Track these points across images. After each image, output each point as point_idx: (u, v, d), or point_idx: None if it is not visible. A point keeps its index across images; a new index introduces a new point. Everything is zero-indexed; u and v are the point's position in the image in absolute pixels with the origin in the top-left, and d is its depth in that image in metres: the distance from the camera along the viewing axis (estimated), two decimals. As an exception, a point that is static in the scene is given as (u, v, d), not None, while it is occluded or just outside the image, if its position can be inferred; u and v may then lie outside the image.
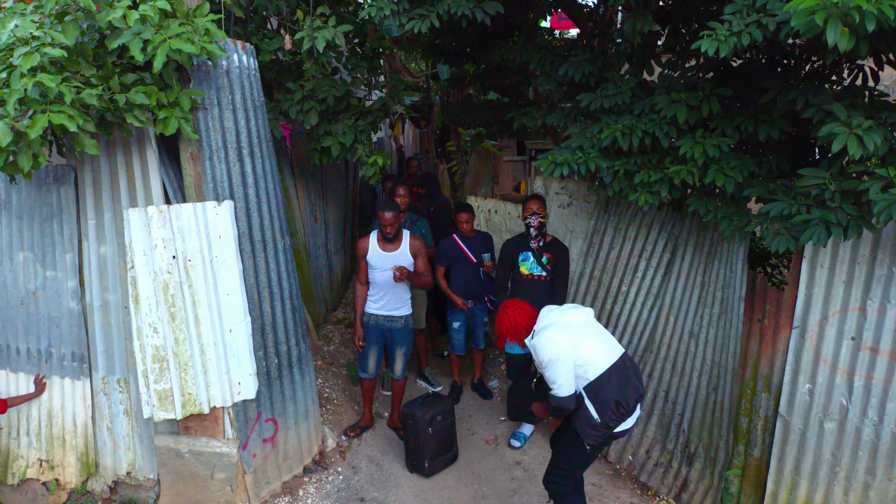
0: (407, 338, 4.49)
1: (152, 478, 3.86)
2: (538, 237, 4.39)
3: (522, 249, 4.47)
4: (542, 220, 4.36)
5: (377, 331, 4.43)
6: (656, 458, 4.11)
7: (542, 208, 4.42)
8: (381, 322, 4.41)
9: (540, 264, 4.38)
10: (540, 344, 3.02)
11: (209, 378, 3.60)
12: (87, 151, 2.87)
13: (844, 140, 2.54)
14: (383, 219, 4.13)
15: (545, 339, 3.01)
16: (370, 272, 4.35)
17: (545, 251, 4.42)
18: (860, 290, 3.13)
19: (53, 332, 3.85)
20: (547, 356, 2.97)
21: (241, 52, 3.57)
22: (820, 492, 3.33)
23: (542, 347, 3.00)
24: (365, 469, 4.34)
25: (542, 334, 3.04)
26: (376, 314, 4.41)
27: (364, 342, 4.45)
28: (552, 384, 2.99)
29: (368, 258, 4.30)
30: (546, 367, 2.99)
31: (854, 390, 3.19)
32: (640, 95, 3.59)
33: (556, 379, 2.97)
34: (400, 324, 4.43)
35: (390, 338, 4.45)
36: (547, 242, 4.44)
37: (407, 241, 4.30)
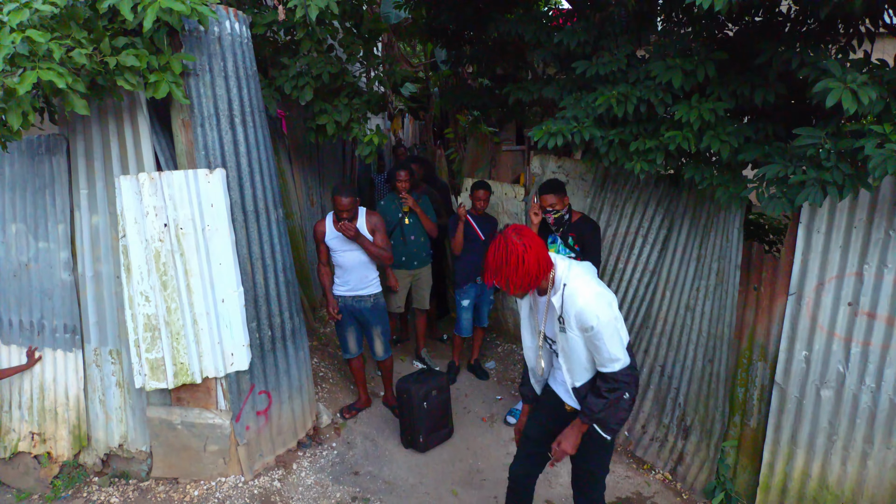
0: (379, 316, 4.43)
1: (145, 450, 3.83)
2: (558, 230, 4.01)
3: (548, 232, 4.12)
4: (556, 215, 3.90)
5: (347, 312, 4.39)
6: (652, 433, 4.08)
7: (560, 201, 3.88)
8: (349, 303, 4.37)
9: (567, 245, 4.07)
10: (585, 303, 2.25)
11: (201, 348, 3.58)
12: (77, 111, 2.84)
13: (839, 95, 2.52)
14: (340, 204, 4.00)
15: (593, 293, 2.28)
16: (332, 255, 4.31)
17: (570, 232, 4.06)
18: (857, 255, 3.09)
19: (46, 304, 3.83)
20: (598, 320, 2.25)
21: (234, 20, 3.55)
22: (817, 461, 3.30)
23: (589, 309, 2.25)
24: (360, 445, 4.31)
25: (585, 289, 2.29)
26: (344, 296, 4.37)
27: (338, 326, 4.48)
28: (613, 357, 2.30)
29: (327, 241, 4.25)
30: (597, 334, 2.26)
31: (851, 357, 3.16)
32: (635, 65, 3.56)
33: (616, 347, 2.30)
34: (369, 303, 4.37)
35: (362, 318, 4.40)
36: (573, 223, 4.02)
37: (363, 217, 4.24)
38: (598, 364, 2.37)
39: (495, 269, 2.22)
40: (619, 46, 3.53)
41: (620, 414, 2.43)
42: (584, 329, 2.29)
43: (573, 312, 2.28)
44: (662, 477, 3.91)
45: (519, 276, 2.20)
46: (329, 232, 4.23)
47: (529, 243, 2.21)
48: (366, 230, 4.24)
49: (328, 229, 4.23)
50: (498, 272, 2.22)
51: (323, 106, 4.83)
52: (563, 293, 2.31)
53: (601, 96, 3.39)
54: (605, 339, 2.27)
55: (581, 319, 2.27)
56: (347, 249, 4.23)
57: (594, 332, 2.27)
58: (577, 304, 2.27)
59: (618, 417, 2.43)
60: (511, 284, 2.23)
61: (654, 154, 3.41)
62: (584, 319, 2.26)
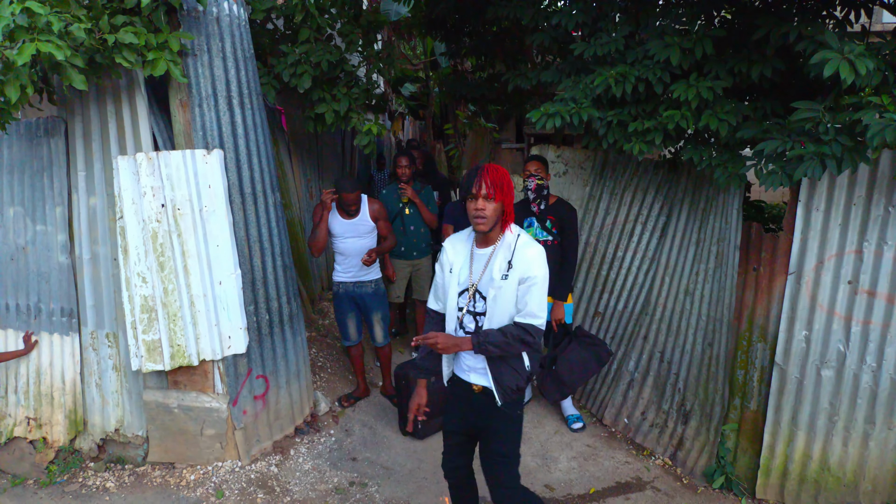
0: (380, 302, 4.42)
1: (141, 435, 3.81)
2: (537, 200, 4.08)
3: (526, 215, 4.16)
4: (539, 181, 4.03)
5: (348, 298, 4.38)
6: (651, 420, 4.05)
7: (542, 169, 4.07)
8: (350, 289, 4.36)
9: (545, 229, 4.11)
10: (536, 254, 2.39)
11: (198, 330, 3.57)
12: (75, 86, 2.84)
13: (836, 65, 2.51)
14: (346, 199, 4.06)
15: (538, 248, 2.42)
16: (334, 241, 4.29)
17: (548, 214, 4.13)
18: (856, 233, 3.08)
19: (43, 288, 3.82)
20: (543, 271, 2.38)
21: (232, 2, 3.56)
22: (818, 443, 3.27)
23: (539, 259, 2.39)
24: (358, 432, 4.29)
25: (536, 245, 2.44)
26: (345, 282, 4.36)
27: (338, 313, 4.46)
28: (537, 313, 2.40)
29: (332, 227, 4.24)
30: (534, 286, 2.37)
31: (851, 336, 3.14)
32: (633, 46, 3.56)
33: (542, 306, 2.41)
34: (370, 288, 4.37)
35: (363, 304, 4.39)
36: (550, 205, 4.13)
37: (365, 206, 4.25)
38: (520, 315, 2.42)
39: (498, 184, 2.34)
40: (618, 27, 3.53)
41: (508, 372, 2.49)
42: (524, 279, 2.38)
43: (523, 259, 2.38)
44: (662, 462, 3.88)
45: (509, 198, 2.39)
46: (332, 218, 4.23)
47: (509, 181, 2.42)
48: (368, 218, 4.24)
49: (332, 215, 4.22)
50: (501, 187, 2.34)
51: (322, 94, 4.84)
52: (517, 241, 2.43)
53: (599, 76, 3.39)
54: (537, 293, 2.39)
55: (528, 267, 2.37)
56: (350, 237, 4.23)
57: (532, 283, 2.37)
58: (528, 253, 2.39)
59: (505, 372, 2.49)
60: (508, 201, 2.39)
61: (653, 135, 3.40)
62: (530, 267, 2.36)
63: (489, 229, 2.40)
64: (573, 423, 4.29)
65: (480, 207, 2.36)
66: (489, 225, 2.38)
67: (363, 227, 4.26)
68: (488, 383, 2.55)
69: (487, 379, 2.55)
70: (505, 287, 2.40)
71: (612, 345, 4.40)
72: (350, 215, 4.21)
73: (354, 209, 4.15)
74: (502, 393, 2.52)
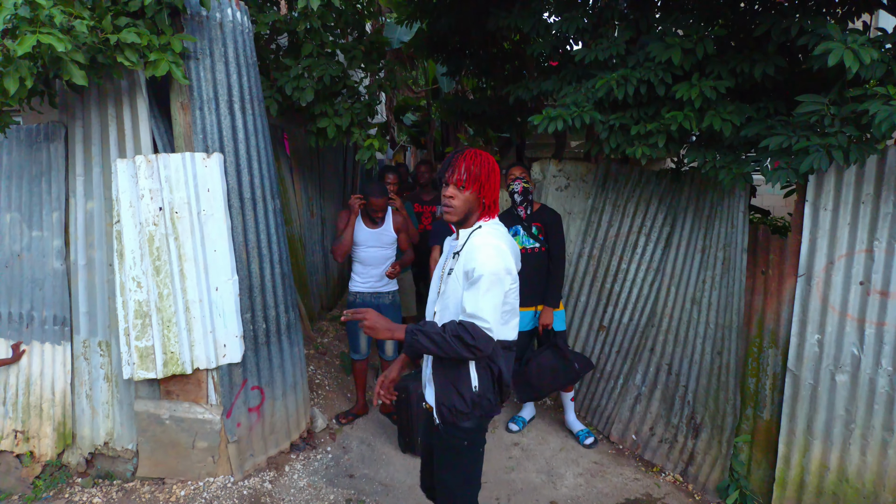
0: (395, 314, 4.38)
1: (131, 448, 3.67)
2: (524, 204, 4.02)
3: (512, 223, 4.09)
4: (525, 184, 3.99)
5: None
6: (660, 435, 3.90)
7: (526, 174, 4.06)
8: (367, 300, 4.31)
9: (531, 236, 4.07)
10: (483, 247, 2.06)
11: (193, 337, 3.48)
12: (75, 82, 2.83)
13: (840, 54, 2.50)
14: (374, 205, 4.09)
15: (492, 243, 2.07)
16: (356, 250, 4.26)
17: (534, 221, 4.09)
18: (866, 231, 3.01)
19: (36, 295, 3.75)
20: (490, 267, 2.01)
21: (236, 9, 3.59)
22: (835, 452, 3.13)
23: (485, 253, 2.04)
24: (356, 449, 4.14)
25: (490, 238, 2.10)
26: (363, 292, 4.31)
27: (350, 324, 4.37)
28: (480, 314, 2.01)
29: (357, 235, 4.22)
30: (476, 283, 2.02)
31: (866, 338, 3.03)
32: (633, 51, 3.57)
33: (488, 307, 2.01)
34: (388, 300, 4.33)
35: None
36: (535, 211, 4.10)
37: (390, 216, 4.28)
38: (462, 315, 2.06)
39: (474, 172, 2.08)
40: (619, 33, 3.54)
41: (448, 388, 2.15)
42: (469, 272, 2.05)
43: (469, 251, 2.09)
44: (673, 478, 3.72)
45: (488, 188, 2.12)
46: (357, 226, 4.22)
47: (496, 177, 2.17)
48: (391, 229, 4.26)
49: (357, 223, 4.21)
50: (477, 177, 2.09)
51: (324, 108, 4.86)
52: (472, 233, 2.15)
53: (600, 80, 3.38)
54: (480, 290, 2.01)
55: (470, 260, 2.05)
56: (372, 246, 4.22)
57: (475, 279, 2.02)
58: (475, 242, 2.09)
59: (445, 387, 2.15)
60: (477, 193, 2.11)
61: (656, 137, 3.37)
62: (473, 261, 2.04)
63: (457, 220, 2.15)
64: (585, 439, 4.14)
65: (449, 195, 2.11)
66: (457, 215, 2.13)
67: (386, 237, 4.24)
68: (428, 398, 2.32)
69: (430, 394, 2.30)
70: (451, 281, 2.15)
71: (618, 358, 4.28)
72: (375, 224, 4.21)
73: (381, 216, 4.16)
74: (438, 410, 2.19)
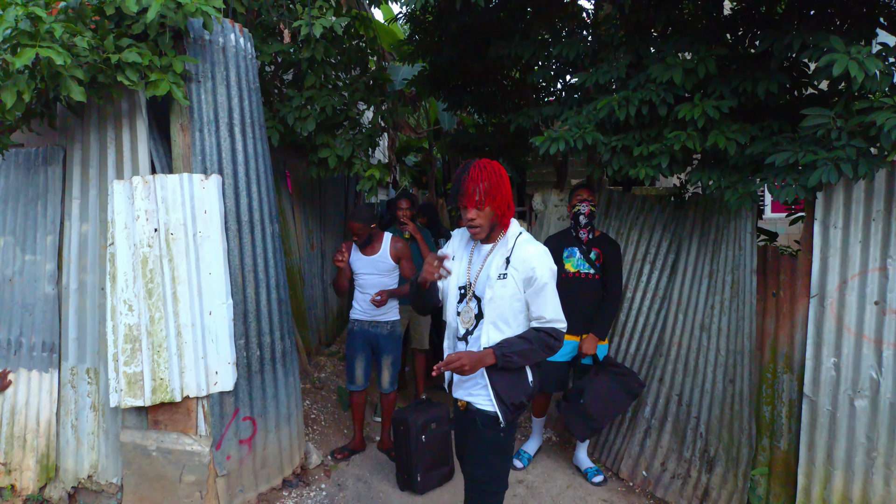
0: (394, 345, 4.23)
1: (115, 482, 3.49)
2: (587, 226, 3.81)
3: (567, 245, 3.88)
4: (592, 208, 3.80)
5: (362, 338, 4.20)
6: (673, 470, 3.71)
7: (594, 197, 3.87)
8: (365, 328, 4.19)
9: (588, 260, 3.81)
10: (537, 251, 2.20)
11: (184, 363, 3.35)
12: (73, 97, 2.81)
13: (845, 63, 2.47)
14: (350, 227, 4.05)
15: (541, 248, 2.23)
16: (355, 277, 4.20)
17: (594, 246, 3.84)
18: (878, 249, 2.93)
19: (26, 320, 3.65)
20: (550, 272, 2.19)
21: (239, 34, 3.62)
22: (857, 482, 2.95)
23: (540, 257, 2.19)
24: (351, 487, 3.94)
25: (538, 244, 2.26)
26: (361, 320, 4.20)
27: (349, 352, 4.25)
28: (555, 318, 2.22)
29: (352, 262, 4.16)
30: (543, 289, 2.19)
31: (884, 360, 2.91)
32: (634, 75, 3.57)
33: (559, 308, 2.23)
34: (386, 329, 4.19)
35: (376, 345, 4.20)
36: (595, 237, 3.88)
37: (387, 244, 4.17)
38: (538, 322, 2.24)
39: (486, 188, 2.14)
40: (619, 57, 3.56)
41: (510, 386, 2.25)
42: (529, 280, 2.18)
43: (522, 256, 2.19)
44: (686, 516, 3.51)
45: (503, 195, 2.18)
46: (353, 254, 4.17)
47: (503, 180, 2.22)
48: (388, 256, 4.15)
49: (352, 250, 4.17)
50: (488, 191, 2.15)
51: (325, 140, 4.86)
52: (517, 239, 2.25)
53: (602, 101, 3.37)
54: (549, 295, 2.21)
55: (528, 265, 2.17)
56: (369, 273, 4.14)
57: (539, 285, 2.18)
58: (528, 250, 2.19)
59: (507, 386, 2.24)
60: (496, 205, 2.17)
61: (659, 158, 3.33)
62: (531, 266, 2.17)
63: (486, 235, 2.26)
64: (593, 477, 3.93)
65: (472, 218, 2.21)
66: (485, 232, 2.24)
67: (383, 264, 4.14)
68: (472, 398, 2.34)
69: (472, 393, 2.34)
70: (502, 288, 2.21)
71: (626, 390, 4.12)
72: (369, 247, 4.14)
73: (357, 240, 4.07)
74: (503, 409, 2.26)
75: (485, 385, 2.27)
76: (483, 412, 2.29)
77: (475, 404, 2.32)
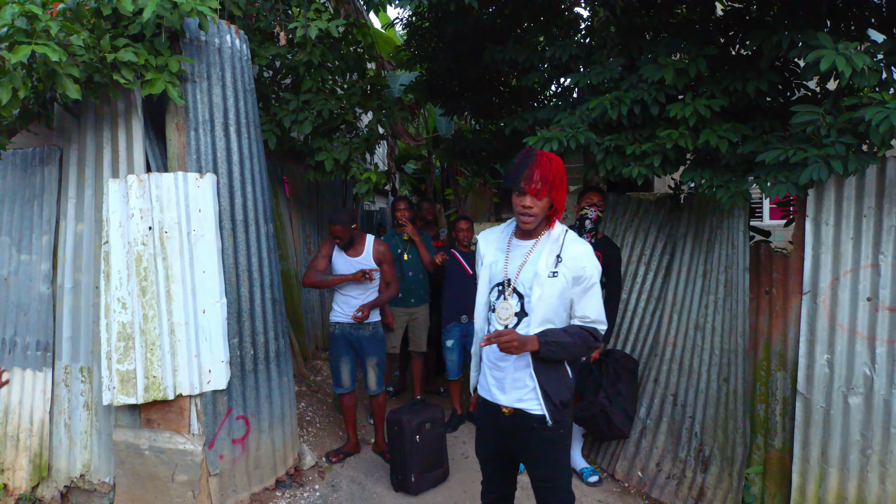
0: (377, 347, 4.20)
1: (107, 482, 3.48)
2: (592, 231, 3.82)
3: None
4: (600, 213, 3.81)
5: (345, 340, 4.17)
6: (668, 471, 3.69)
7: (603, 202, 3.86)
8: (347, 331, 4.16)
9: None
10: (587, 251, 2.19)
11: (177, 361, 3.35)
12: (69, 95, 2.84)
13: (832, 59, 2.49)
14: (331, 230, 4.02)
15: (590, 249, 2.22)
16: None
17: (596, 249, 3.96)
18: (870, 245, 2.93)
19: (20, 320, 3.66)
20: (598, 273, 2.20)
21: (235, 36, 3.66)
22: (853, 481, 2.93)
23: (590, 256, 2.19)
24: (345, 488, 3.92)
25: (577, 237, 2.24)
26: (342, 322, 4.17)
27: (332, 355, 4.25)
28: (601, 318, 2.24)
29: (333, 263, 4.15)
30: (591, 288, 2.19)
31: (877, 357, 2.90)
32: (627, 77, 3.60)
33: (602, 310, 2.24)
34: (368, 331, 4.16)
35: (359, 347, 4.17)
36: (598, 240, 3.87)
37: (370, 246, 4.16)
38: (581, 321, 2.23)
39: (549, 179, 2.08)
40: (612, 59, 3.58)
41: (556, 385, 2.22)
42: (579, 279, 2.16)
43: (573, 255, 2.16)
44: (682, 517, 3.49)
45: (562, 192, 2.13)
46: (336, 255, 4.15)
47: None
48: (371, 259, 4.13)
49: (335, 251, 4.15)
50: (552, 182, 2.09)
51: (322, 143, 4.89)
52: (565, 236, 2.21)
53: (594, 100, 3.39)
54: (595, 296, 2.21)
55: (579, 265, 2.15)
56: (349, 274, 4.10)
57: (588, 284, 2.18)
58: (579, 249, 2.17)
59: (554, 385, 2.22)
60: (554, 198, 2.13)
61: (651, 158, 3.34)
62: (582, 265, 2.16)
63: (533, 227, 2.19)
64: (589, 478, 3.91)
65: (528, 206, 2.12)
66: (536, 223, 2.17)
67: (365, 267, 4.12)
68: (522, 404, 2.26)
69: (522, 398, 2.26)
70: (552, 286, 2.15)
71: (621, 392, 4.11)
72: (352, 249, 4.12)
73: (339, 243, 4.04)
74: (551, 408, 2.21)
75: (533, 388, 2.22)
76: (537, 416, 2.24)
77: (528, 410, 2.25)
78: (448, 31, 4.75)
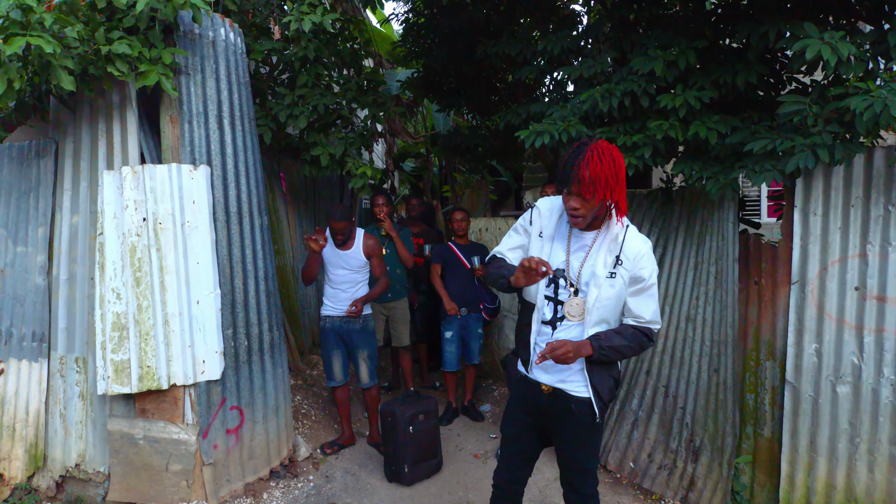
0: (368, 340, 4.22)
1: (102, 471, 3.51)
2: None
3: None
4: None
5: (335, 334, 4.18)
6: (659, 461, 3.71)
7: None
8: (337, 324, 4.17)
9: None
10: (648, 251, 2.11)
11: (171, 351, 3.38)
12: (63, 86, 2.87)
13: (817, 48, 2.51)
14: (334, 227, 3.99)
15: (650, 249, 2.15)
16: (326, 270, 4.19)
17: None
18: (858, 235, 2.95)
19: (17, 311, 3.69)
20: (656, 274, 2.13)
21: (229, 29, 3.69)
22: (841, 469, 2.95)
23: (650, 257, 2.12)
24: (339, 479, 3.94)
25: (638, 234, 2.15)
26: (332, 316, 4.18)
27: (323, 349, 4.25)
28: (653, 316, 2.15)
29: (324, 254, 4.16)
30: (648, 290, 2.12)
31: (865, 346, 2.92)
32: (618, 70, 3.62)
33: (658, 312, 2.17)
34: (358, 324, 4.17)
35: (349, 340, 4.19)
36: None
37: (360, 240, 4.17)
38: (642, 321, 2.14)
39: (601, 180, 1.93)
40: (603, 52, 3.60)
41: (606, 379, 2.20)
42: (636, 280, 2.08)
43: (633, 255, 2.08)
44: (673, 506, 3.51)
45: (617, 187, 1.97)
46: (328, 247, 4.13)
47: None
48: (361, 252, 4.15)
49: (328, 243, 4.13)
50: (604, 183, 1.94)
51: (317, 138, 4.91)
52: (625, 234, 2.10)
53: (585, 93, 3.41)
54: (653, 297, 2.12)
55: (639, 266, 2.07)
56: (340, 267, 4.12)
57: (645, 286, 2.10)
58: (640, 249, 2.08)
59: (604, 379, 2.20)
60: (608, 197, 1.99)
61: (642, 150, 3.36)
62: (642, 267, 2.07)
63: (585, 226, 2.10)
64: None
65: (574, 206, 2.02)
66: (587, 223, 2.07)
67: (354, 260, 4.14)
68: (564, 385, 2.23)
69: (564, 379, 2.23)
70: (609, 288, 2.08)
71: (614, 384, 4.13)
72: (343, 245, 4.12)
73: (341, 239, 4.05)
74: (599, 396, 2.19)
75: (580, 370, 2.18)
76: (578, 398, 2.20)
77: (569, 391, 2.21)
78: (443, 27, 4.77)
